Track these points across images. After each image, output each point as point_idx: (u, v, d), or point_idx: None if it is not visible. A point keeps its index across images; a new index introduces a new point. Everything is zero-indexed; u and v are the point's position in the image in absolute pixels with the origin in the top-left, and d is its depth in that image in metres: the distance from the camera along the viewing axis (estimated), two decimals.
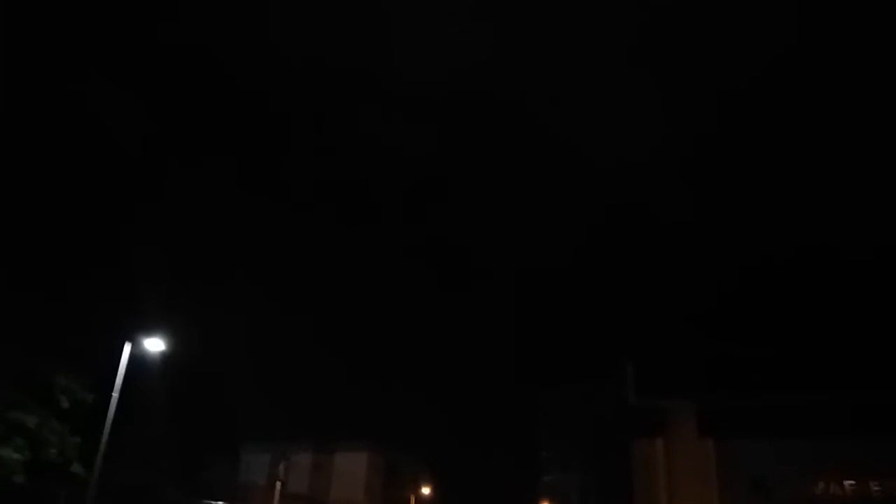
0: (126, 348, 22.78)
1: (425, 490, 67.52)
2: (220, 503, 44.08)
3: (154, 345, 23.44)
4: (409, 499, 66.14)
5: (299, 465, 59.82)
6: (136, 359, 23.15)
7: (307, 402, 59.83)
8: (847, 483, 22.09)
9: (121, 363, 22.50)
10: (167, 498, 37.78)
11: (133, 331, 23.18)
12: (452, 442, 72.03)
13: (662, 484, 27.36)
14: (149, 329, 23.40)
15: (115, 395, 22.21)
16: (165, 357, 24.43)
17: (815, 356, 22.79)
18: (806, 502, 22.25)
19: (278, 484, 49.83)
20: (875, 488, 21.57)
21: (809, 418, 22.30)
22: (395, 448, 65.49)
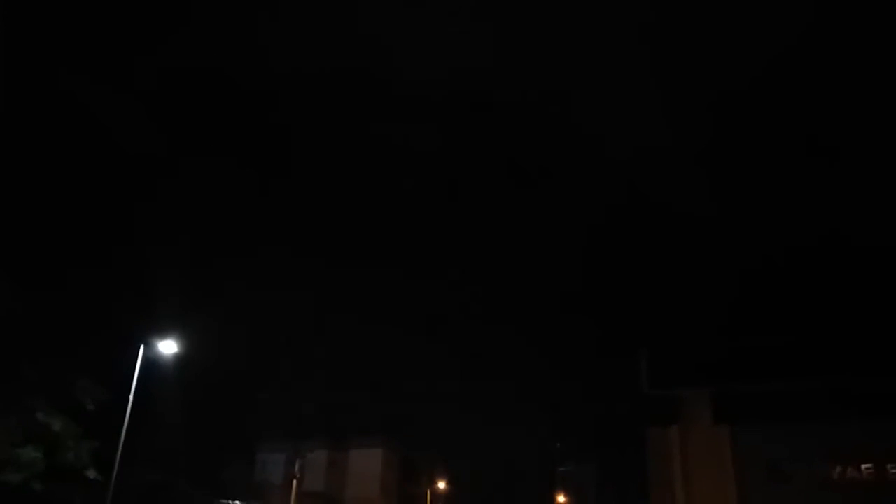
0: (140, 351, 22.99)
1: (441, 484, 67.70)
2: (237, 502, 44.37)
3: (168, 347, 23.65)
4: (426, 494, 66.35)
5: (315, 463, 60.10)
6: (151, 361, 23.36)
7: (321, 400, 59.89)
8: (864, 467, 22.00)
9: (136, 366, 22.72)
10: (184, 498, 38.09)
11: (147, 333, 23.38)
12: (467, 435, 72.03)
13: (677, 472, 27.33)
14: (163, 331, 23.62)
15: (131, 398, 22.44)
16: (180, 358, 24.63)
17: (831, 340, 22.70)
18: (823, 487, 22.18)
19: (294, 482, 50.14)
20: (893, 471, 21.48)
21: (825, 403, 22.22)
22: (410, 443, 65.67)
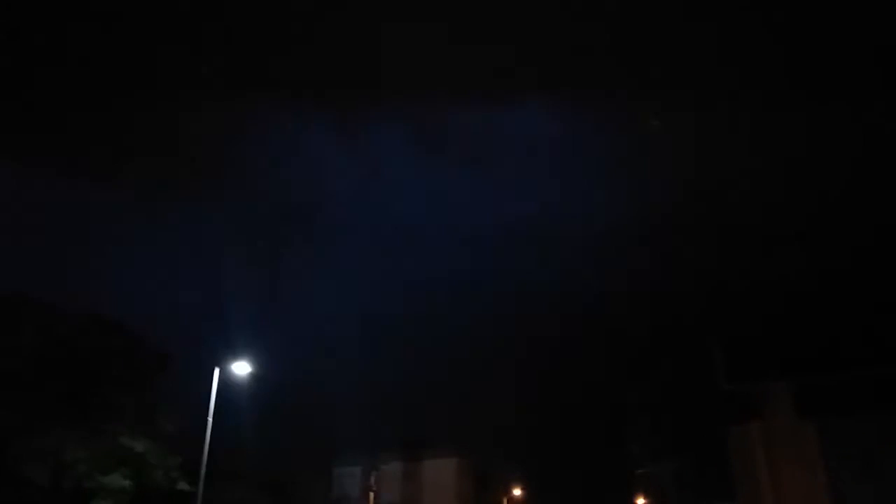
0: (215, 373, 23.60)
1: (517, 492, 67.11)
2: None
3: (241, 368, 24.21)
4: (502, 502, 65.91)
5: (390, 476, 60.54)
6: (227, 381, 23.98)
7: (393, 413, 60.38)
8: None
9: (212, 387, 23.34)
10: None
11: (222, 355, 24.02)
12: (541, 442, 71.15)
13: (763, 471, 26.35)
14: (237, 352, 24.22)
15: (210, 419, 23.04)
16: (255, 378, 25.20)
17: None
18: None
19: (371, 495, 50.55)
20: None
21: None
22: (484, 452, 65.40)
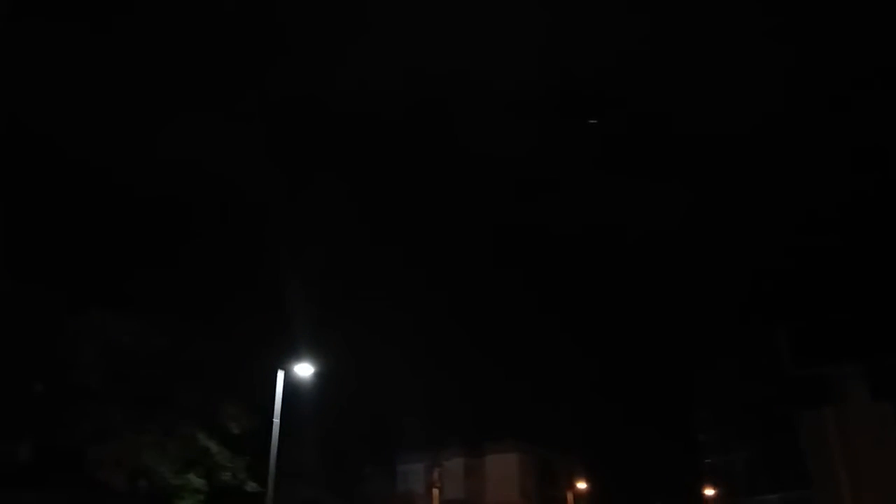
0: (280, 375, 24.03)
1: (581, 485, 66.45)
2: None
3: (304, 369, 24.58)
4: (566, 496, 65.38)
5: (452, 471, 60.78)
6: (291, 382, 24.40)
7: (454, 408, 60.60)
8: None
9: (277, 389, 23.77)
10: None
11: (285, 356, 24.44)
12: (606, 433, 70.26)
13: (838, 456, 25.40)
14: (299, 353, 24.61)
15: (276, 421, 23.48)
16: (317, 378, 25.58)
17: None
18: None
19: (435, 491, 50.83)
20: None
21: None
22: (546, 445, 64.96)
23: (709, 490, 63.82)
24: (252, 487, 25.78)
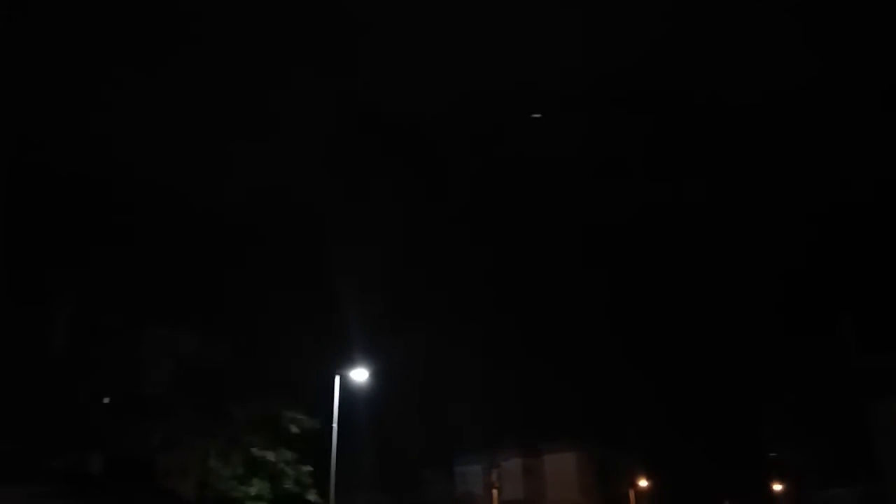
0: (336, 381, 24.35)
1: (643, 483, 65.40)
2: None
3: (360, 375, 24.83)
4: (628, 494, 64.47)
5: (510, 472, 60.57)
6: (347, 388, 24.70)
7: (511, 408, 60.27)
8: None
9: (334, 395, 24.09)
10: None
11: (341, 361, 24.76)
12: (667, 430, 68.73)
13: None
14: (355, 358, 24.90)
15: (335, 426, 23.80)
16: (373, 382, 25.83)
17: None
18: None
19: (494, 491, 50.70)
20: None
21: None
22: (605, 443, 64.13)
23: (777, 485, 62.10)
24: (315, 497, 26.10)
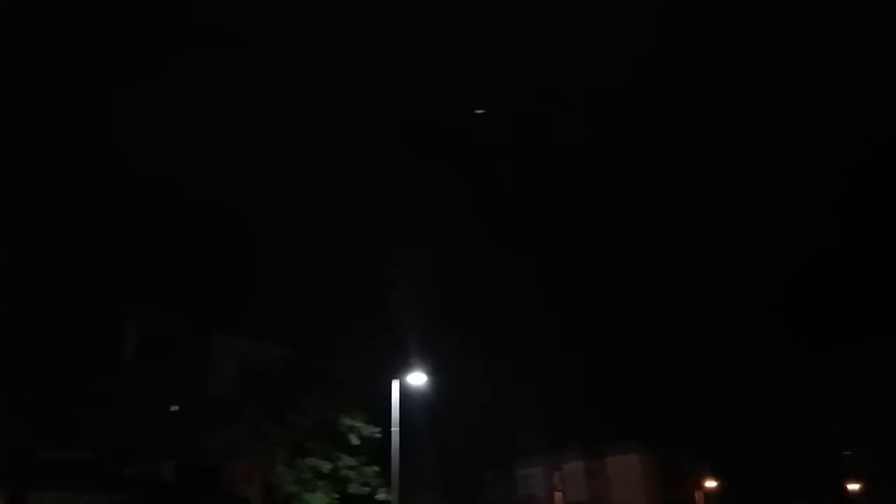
0: (395, 385, 24.52)
1: (710, 484, 63.69)
2: None
3: (417, 378, 24.93)
4: (694, 496, 62.93)
5: (573, 474, 59.93)
6: (405, 392, 24.85)
7: (571, 410, 59.61)
8: None
9: (393, 399, 24.25)
10: None
11: (398, 366, 24.93)
12: (735, 430, 66.65)
13: None
14: (412, 362, 25.03)
15: (395, 430, 23.97)
16: (432, 386, 25.91)
17: None
18: None
19: (558, 494, 50.24)
20: None
21: None
22: (670, 444, 62.71)
23: (853, 485, 59.74)
24: (383, 495, 26.32)
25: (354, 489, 26.42)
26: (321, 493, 25.84)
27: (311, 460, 26.34)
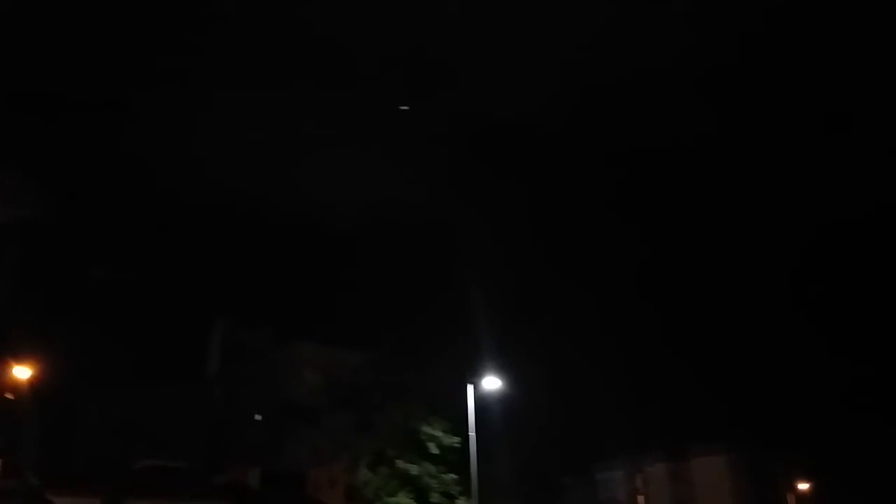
0: (469, 390, 24.46)
1: (803, 486, 60.88)
2: None
3: (492, 383, 24.79)
4: (786, 498, 60.32)
5: (655, 478, 58.51)
6: (481, 397, 24.75)
7: (652, 412, 58.31)
8: None
9: (468, 404, 24.20)
10: None
11: (472, 372, 24.85)
12: (828, 429, 63.50)
13: None
14: (487, 367, 24.90)
15: (472, 435, 23.90)
16: (508, 390, 25.72)
17: None
18: None
19: (640, 498, 49.15)
20: None
21: None
22: (758, 445, 60.29)
23: None
24: (464, 502, 26.29)
25: (436, 498, 26.42)
26: (402, 497, 25.99)
27: (399, 463, 26.52)
